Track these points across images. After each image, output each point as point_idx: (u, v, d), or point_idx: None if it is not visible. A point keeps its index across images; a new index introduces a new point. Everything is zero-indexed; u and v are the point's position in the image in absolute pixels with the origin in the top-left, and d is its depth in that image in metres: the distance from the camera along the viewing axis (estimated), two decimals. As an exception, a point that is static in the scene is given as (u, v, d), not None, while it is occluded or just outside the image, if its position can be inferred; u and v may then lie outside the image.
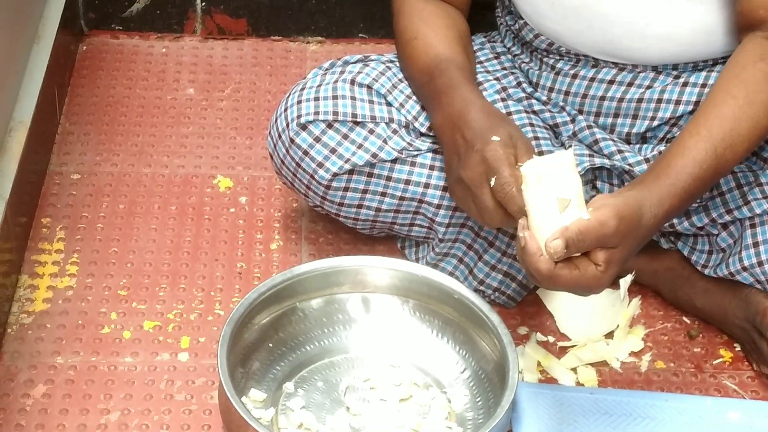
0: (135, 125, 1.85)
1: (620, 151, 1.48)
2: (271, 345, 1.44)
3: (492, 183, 1.27)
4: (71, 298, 1.54)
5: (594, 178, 1.51)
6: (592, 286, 1.22)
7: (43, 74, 1.73)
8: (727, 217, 1.46)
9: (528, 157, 1.28)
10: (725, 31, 1.43)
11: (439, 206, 1.50)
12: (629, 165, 1.47)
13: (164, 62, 1.99)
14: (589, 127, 1.51)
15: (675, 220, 1.48)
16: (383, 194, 1.50)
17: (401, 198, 1.51)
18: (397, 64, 1.55)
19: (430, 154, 1.49)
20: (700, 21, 1.42)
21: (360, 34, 2.07)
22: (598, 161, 1.47)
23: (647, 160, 1.48)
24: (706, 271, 1.50)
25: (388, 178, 1.49)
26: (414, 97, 1.51)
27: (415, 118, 1.49)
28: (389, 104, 1.50)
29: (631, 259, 1.27)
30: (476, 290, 1.51)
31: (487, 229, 1.51)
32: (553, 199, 1.20)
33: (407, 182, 1.50)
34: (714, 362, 1.53)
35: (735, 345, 1.54)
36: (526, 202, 1.22)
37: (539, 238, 1.20)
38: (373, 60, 1.55)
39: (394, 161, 1.49)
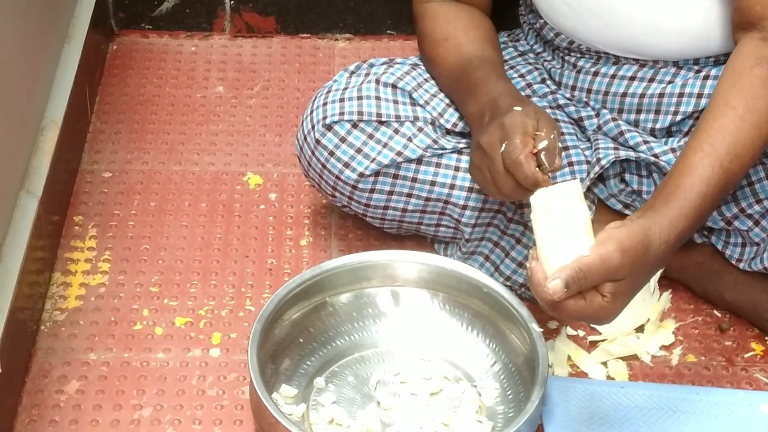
0: (165, 123, 1.86)
1: (646, 142, 1.48)
2: (301, 340, 1.45)
3: (502, 148, 1.28)
4: (104, 295, 1.55)
5: (622, 171, 1.51)
6: (600, 316, 1.22)
7: (74, 74, 1.74)
8: (757, 207, 1.45)
9: (549, 131, 1.29)
10: None
11: (464, 207, 1.51)
12: (655, 155, 1.47)
13: (194, 61, 2.00)
14: (614, 119, 1.51)
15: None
16: (409, 195, 1.51)
17: (427, 199, 1.51)
18: (422, 66, 1.56)
19: (455, 155, 1.50)
20: (715, 14, 1.42)
21: (388, 31, 2.07)
22: (623, 154, 1.47)
23: (673, 150, 1.47)
24: (741, 265, 1.49)
25: (414, 180, 1.50)
26: (440, 95, 1.51)
27: (441, 115, 1.50)
28: (414, 102, 1.50)
29: (640, 287, 1.25)
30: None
31: (513, 226, 1.51)
32: (560, 230, 1.21)
33: (432, 183, 1.50)
34: (745, 355, 1.52)
35: (766, 338, 1.54)
36: (534, 232, 1.23)
37: (547, 268, 1.21)
38: (398, 62, 1.56)
39: (419, 162, 1.49)
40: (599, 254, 1.19)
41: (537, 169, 1.27)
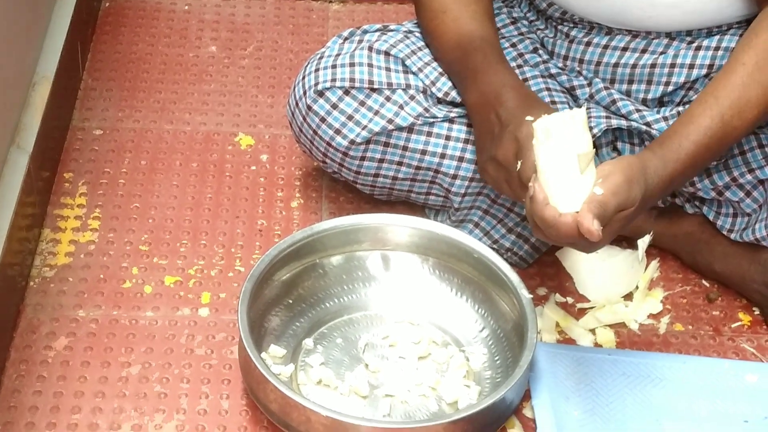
0: (157, 82, 1.85)
1: (638, 110, 1.48)
2: (290, 301, 1.45)
3: (518, 165, 1.27)
4: (93, 252, 1.55)
5: (614, 139, 1.51)
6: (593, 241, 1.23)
7: (66, 30, 1.74)
8: (749, 177, 1.45)
9: None
10: None
11: (455, 176, 1.51)
12: (647, 124, 1.47)
13: (186, 20, 1.99)
14: (606, 88, 1.51)
15: (696, 178, 1.47)
16: (399, 164, 1.51)
17: (417, 168, 1.51)
18: (416, 34, 1.55)
19: (446, 124, 1.49)
20: None
21: (382, -5, 2.06)
22: (614, 122, 1.47)
23: (666, 119, 1.47)
24: (732, 236, 1.50)
25: (405, 148, 1.50)
26: (433, 64, 1.51)
27: (433, 83, 1.49)
28: (407, 70, 1.50)
29: (636, 221, 1.28)
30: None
31: (503, 197, 1.51)
32: (563, 155, 1.21)
33: (423, 152, 1.50)
34: (732, 325, 1.53)
35: (754, 309, 1.54)
36: (536, 157, 1.23)
37: (549, 193, 1.22)
38: (392, 30, 1.56)
39: (410, 131, 1.49)
40: (610, 189, 1.21)
41: None
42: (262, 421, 1.35)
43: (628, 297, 1.54)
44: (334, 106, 1.49)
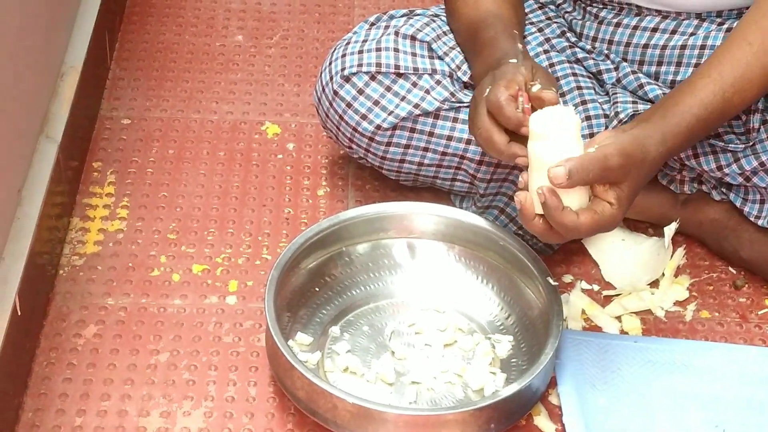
0: (184, 71, 1.86)
1: (665, 95, 1.48)
2: (317, 289, 1.46)
3: (486, 93, 1.28)
4: (121, 241, 1.56)
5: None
6: (608, 224, 1.25)
7: (93, 20, 1.75)
8: (778, 161, 1.45)
9: (547, 83, 1.28)
10: None
11: (480, 162, 1.51)
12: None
13: (213, 9, 2.00)
14: (634, 72, 1.50)
15: (723, 162, 1.47)
16: (425, 149, 1.51)
17: (443, 153, 1.51)
18: (442, 17, 1.55)
19: None
20: None
21: (408, -18, 2.06)
22: (641, 107, 1.47)
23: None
24: (759, 222, 1.49)
25: (431, 134, 1.50)
26: (458, 48, 1.51)
27: (459, 68, 1.50)
28: (432, 54, 1.50)
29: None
30: (515, 235, 1.52)
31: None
32: (559, 150, 1.22)
33: (449, 138, 1.50)
34: (759, 312, 1.52)
35: (781, 296, 1.54)
36: (535, 157, 1.23)
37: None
38: (418, 14, 1.56)
39: (436, 117, 1.49)
40: (602, 151, 1.22)
41: (519, 111, 1.26)
42: (290, 408, 1.36)
43: (655, 284, 1.54)
44: (361, 92, 1.49)
